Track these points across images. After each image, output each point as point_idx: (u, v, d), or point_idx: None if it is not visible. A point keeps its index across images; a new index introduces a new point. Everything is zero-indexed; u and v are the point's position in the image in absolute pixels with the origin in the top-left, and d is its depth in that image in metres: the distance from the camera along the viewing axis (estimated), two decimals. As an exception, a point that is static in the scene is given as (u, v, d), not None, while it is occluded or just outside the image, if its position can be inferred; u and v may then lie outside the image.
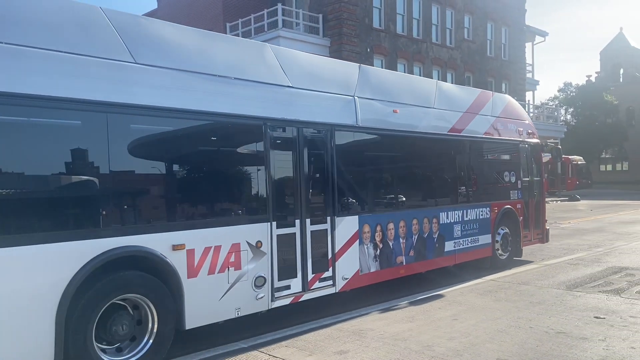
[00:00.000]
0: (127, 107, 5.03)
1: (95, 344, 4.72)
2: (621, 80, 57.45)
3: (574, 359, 5.11)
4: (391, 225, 7.92)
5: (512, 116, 10.88)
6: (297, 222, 6.57)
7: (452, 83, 28.59)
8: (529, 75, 35.42)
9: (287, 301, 6.48)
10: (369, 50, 24.78)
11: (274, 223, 6.24)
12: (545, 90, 65.58)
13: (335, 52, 23.93)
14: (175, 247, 5.27)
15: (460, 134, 9.44)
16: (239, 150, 6.25)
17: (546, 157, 12.26)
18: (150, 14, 33.12)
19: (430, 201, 8.90)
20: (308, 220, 6.69)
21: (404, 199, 8.33)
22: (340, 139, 7.16)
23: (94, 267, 4.64)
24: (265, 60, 6.71)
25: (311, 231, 6.73)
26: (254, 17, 24.15)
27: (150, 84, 5.30)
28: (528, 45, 35.41)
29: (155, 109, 5.25)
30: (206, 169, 5.99)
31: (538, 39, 36.33)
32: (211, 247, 5.60)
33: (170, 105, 5.38)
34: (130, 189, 5.20)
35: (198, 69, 5.78)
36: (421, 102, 8.82)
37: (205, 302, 5.57)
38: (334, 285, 7.07)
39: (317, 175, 6.96)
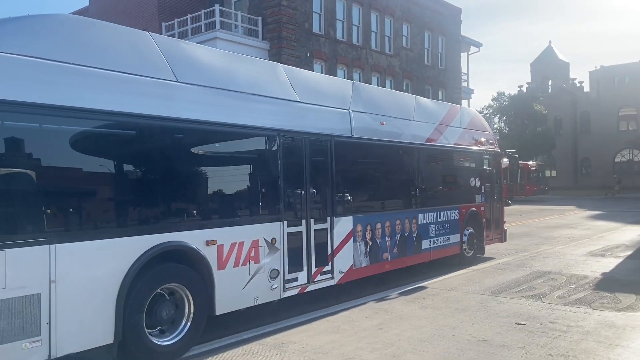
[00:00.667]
0: (170, 120, 5.75)
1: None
2: (550, 91, 60.52)
3: (492, 368, 5.07)
4: (379, 225, 8.77)
5: (477, 128, 12.04)
6: (304, 221, 7.36)
7: (391, 89, 29.05)
8: (464, 84, 36.49)
9: (295, 292, 7.21)
10: (308, 54, 24.67)
11: (285, 222, 7.00)
12: (480, 99, 68.24)
13: (275, 56, 23.66)
14: (209, 243, 6.00)
15: (435, 144, 10.47)
16: (258, 157, 7.00)
17: (505, 164, 13.51)
18: (81, 12, 31.62)
19: (410, 204, 9.76)
20: (312, 220, 7.48)
21: (390, 201, 9.41)
22: (338, 148, 7.95)
23: (145, 260, 5.30)
24: (278, 78, 7.51)
25: (314, 230, 7.51)
26: (191, 17, 23.52)
27: (188, 99, 6.00)
28: (463, 55, 36.48)
29: (193, 122, 5.97)
30: (232, 174, 6.79)
31: (473, 49, 37.52)
32: (237, 242, 6.35)
33: (205, 119, 6.10)
34: (173, 191, 5.88)
35: (225, 86, 6.52)
36: (403, 115, 9.78)
37: (231, 291, 6.27)
38: (332, 278, 7.82)
39: (319, 180, 7.73)
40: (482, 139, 12.05)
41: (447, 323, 6.66)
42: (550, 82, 61.72)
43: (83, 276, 4.88)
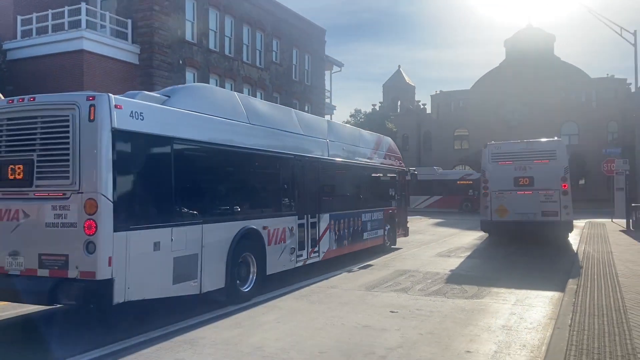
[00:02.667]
0: (245, 148, 8.99)
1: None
2: (399, 111, 66.40)
3: (379, 347, 6.13)
4: (343, 221, 12.31)
5: (392, 152, 16.37)
6: (305, 216, 10.76)
7: (262, 100, 29.92)
8: (327, 100, 38.84)
9: (301, 263, 10.56)
10: (181, 62, 24.54)
11: (296, 216, 10.43)
12: (341, 115, 72.18)
13: (146, 61, 23.19)
14: (264, 227, 9.25)
15: (371, 163, 14.53)
16: (284, 173, 10.33)
17: (408, 178, 17.52)
18: None
19: (358, 206, 13.33)
20: (309, 215, 10.87)
21: (347, 204, 12.74)
22: (321, 166, 11.54)
23: (239, 236, 8.47)
24: (292, 118, 11.10)
25: (310, 222, 10.93)
26: (52, 13, 22.04)
27: (254, 134, 9.33)
28: (327, 73, 38.89)
29: (256, 149, 9.37)
30: (275, 185, 10.11)
31: (335, 68, 40.15)
32: (277, 228, 9.68)
33: (265, 148, 9.61)
34: (249, 196, 9.32)
35: (271, 126, 9.96)
36: (354, 142, 13.76)
37: (274, 259, 9.54)
38: (319, 256, 11.28)
39: (312, 188, 11.12)
40: (395, 160, 16.42)
41: (335, 314, 7.65)
42: (399, 103, 67.64)
43: (213, 244, 7.91)
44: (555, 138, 19.61)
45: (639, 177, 24.74)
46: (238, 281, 8.48)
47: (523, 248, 15.74)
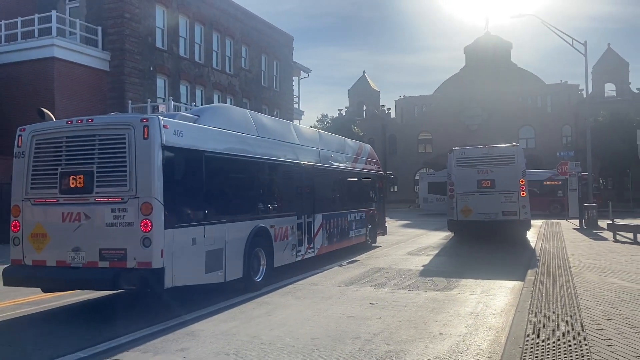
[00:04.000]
0: (256, 157, 10.46)
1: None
2: (364, 116, 67.68)
3: (364, 332, 6.84)
4: (333, 220, 13.84)
5: (372, 158, 17.96)
6: (303, 216, 12.14)
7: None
8: (295, 105, 39.56)
9: (299, 258, 11.96)
10: (152, 69, 24.79)
11: (296, 216, 11.78)
12: (308, 119, 73.10)
13: (117, 67, 23.36)
14: (271, 226, 10.62)
15: (355, 168, 16.13)
16: (285, 178, 11.70)
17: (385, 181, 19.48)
18: None
19: (345, 206, 14.84)
20: (305, 216, 12.23)
21: (335, 205, 14.19)
22: (314, 171, 12.99)
23: (253, 233, 9.89)
24: (290, 130, 12.62)
25: (307, 222, 12.32)
26: (22, 20, 22.00)
27: (263, 146, 10.79)
28: (295, 79, 39.62)
29: (264, 158, 10.77)
30: (278, 188, 11.47)
31: (303, 74, 40.94)
32: (282, 227, 11.09)
33: (272, 158, 11.06)
34: (259, 199, 10.57)
35: (278, 138, 11.57)
36: (340, 150, 15.35)
37: (279, 254, 10.92)
38: (314, 252, 12.72)
39: (307, 191, 12.54)
40: (374, 165, 18.02)
41: (320, 307, 8.33)
42: (364, 108, 68.93)
43: (234, 240, 9.23)
44: (514, 143, 21.20)
45: (590, 179, 26.41)
46: (252, 272, 9.79)
47: (486, 246, 16.80)
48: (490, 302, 8.65)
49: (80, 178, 7.78)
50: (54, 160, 8.08)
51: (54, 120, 9.00)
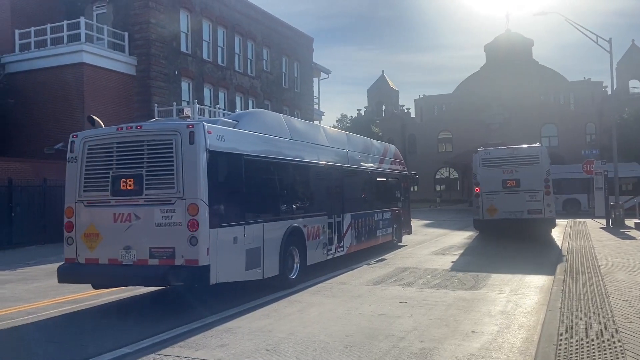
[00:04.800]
0: (290, 159, 10.89)
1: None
2: (383, 115, 67.63)
3: (396, 330, 6.98)
4: (361, 220, 14.20)
5: (396, 158, 18.33)
6: (333, 216, 12.51)
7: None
8: (316, 106, 39.79)
9: (330, 257, 12.34)
10: (176, 72, 25.24)
11: (326, 216, 12.17)
12: (327, 120, 73.29)
13: (143, 72, 23.84)
14: (304, 225, 11.01)
15: (381, 168, 16.59)
16: (316, 179, 12.20)
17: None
18: None
19: (372, 206, 15.18)
20: (335, 215, 12.62)
21: (362, 205, 14.49)
22: (343, 172, 13.45)
23: (288, 232, 10.29)
24: (320, 133, 13.12)
25: (336, 221, 12.69)
26: (51, 27, 22.58)
27: (296, 149, 11.23)
28: (315, 80, 39.84)
29: (297, 160, 11.18)
30: (310, 189, 12.00)
31: (323, 75, 41.14)
32: (314, 226, 11.48)
33: (304, 160, 11.53)
34: (293, 199, 11.01)
35: (310, 141, 12.06)
36: (367, 151, 15.68)
37: (312, 252, 11.30)
38: (344, 250, 13.07)
39: (337, 191, 12.99)
40: (399, 166, 18.43)
41: (351, 305, 8.49)
42: (383, 107, 68.89)
43: (271, 239, 9.66)
44: (538, 144, 21.84)
45: (617, 177, 26.07)
46: (287, 270, 10.19)
47: (511, 245, 16.77)
48: (520, 301, 8.71)
49: (130, 181, 8.23)
50: (106, 164, 8.55)
51: (103, 127, 9.32)
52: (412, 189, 19.79)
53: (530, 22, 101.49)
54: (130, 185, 8.23)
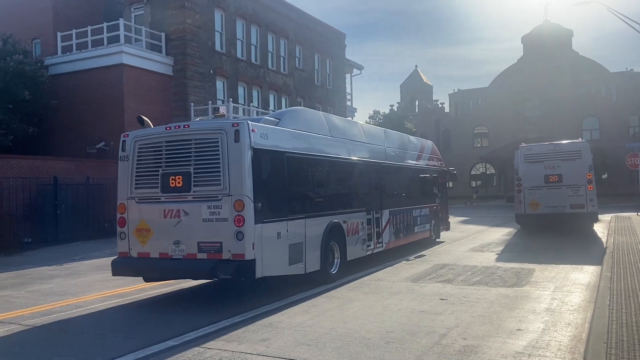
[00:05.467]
0: (329, 156, 11.04)
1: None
2: (417, 111, 66.90)
3: (438, 327, 6.89)
4: (399, 216, 14.17)
5: (434, 154, 18.24)
6: (372, 212, 12.54)
7: (286, 107, 30.88)
8: (348, 103, 39.66)
9: (369, 252, 12.37)
10: (212, 71, 25.57)
11: (365, 212, 12.17)
12: (360, 116, 72.95)
13: (180, 72, 24.25)
14: (344, 221, 11.06)
15: (418, 164, 16.49)
16: (355, 176, 12.24)
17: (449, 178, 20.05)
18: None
19: (410, 203, 15.20)
20: (374, 211, 12.66)
21: (400, 201, 14.50)
22: (381, 169, 13.45)
23: (329, 227, 10.40)
24: (359, 129, 13.18)
25: (375, 217, 12.71)
26: (92, 29, 23.21)
27: (335, 146, 11.43)
28: (347, 76, 39.71)
29: (336, 157, 11.31)
30: (349, 185, 12.03)
31: (355, 71, 40.96)
32: (353, 222, 11.49)
33: (344, 157, 11.71)
34: (332, 195, 11.05)
35: (349, 138, 12.14)
36: (404, 147, 15.69)
37: (352, 248, 11.33)
38: (382, 246, 13.10)
39: (375, 187, 13.03)
40: (437, 162, 18.23)
41: (390, 302, 8.43)
42: (417, 103, 68.16)
43: (312, 234, 9.83)
44: (580, 139, 21.66)
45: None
46: (327, 265, 10.32)
47: (552, 242, 16.34)
48: (566, 298, 8.47)
49: (179, 178, 8.52)
50: (155, 162, 8.87)
51: (152, 126, 9.56)
52: (448, 185, 20.03)
53: (569, 12, 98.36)
54: (179, 183, 8.51)
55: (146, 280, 9.45)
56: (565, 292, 8.98)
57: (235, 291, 9.68)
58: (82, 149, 22.58)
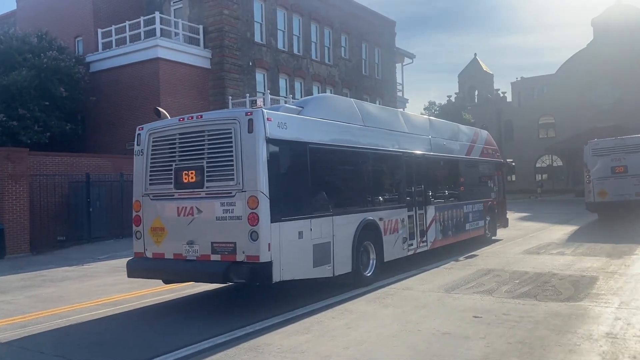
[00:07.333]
0: (362, 147, 9.98)
1: None
2: (476, 101, 63.65)
3: (461, 357, 5.45)
4: (446, 212, 12.88)
5: (489, 144, 16.55)
6: (414, 208, 11.46)
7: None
8: (399, 93, 37.81)
9: (412, 252, 11.28)
10: (251, 64, 24.74)
11: (406, 208, 11.15)
12: (413, 108, 70.37)
13: (217, 64, 23.58)
14: (380, 219, 10.06)
15: (470, 156, 14.94)
16: (394, 169, 11.23)
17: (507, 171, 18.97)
18: (8, 16, 29.92)
19: (460, 198, 13.85)
20: (416, 207, 11.57)
21: (449, 196, 13.31)
22: (425, 161, 12.25)
23: (361, 226, 9.41)
24: (398, 118, 12.01)
25: (418, 214, 11.60)
26: (129, 24, 22.95)
27: (370, 136, 10.32)
28: (398, 66, 37.87)
29: (371, 148, 10.26)
30: (386, 179, 11.14)
31: (407, 60, 39.02)
32: (391, 219, 10.47)
33: (378, 147, 10.55)
34: (366, 191, 10.15)
35: (386, 127, 11.05)
36: (454, 137, 14.22)
37: (389, 248, 10.35)
38: (427, 245, 11.91)
39: (418, 181, 11.81)
40: (492, 152, 16.64)
41: (411, 319, 7.02)
42: (476, 92, 64.85)
43: (342, 233, 8.89)
44: None
45: None
46: (361, 267, 9.37)
47: (621, 241, 14.16)
48: (633, 318, 6.72)
49: (192, 173, 7.90)
50: (169, 156, 8.27)
51: (169, 118, 8.87)
52: (509, 179, 19.97)
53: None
54: (192, 178, 7.90)
55: (165, 282, 8.92)
56: (633, 308, 7.20)
57: (243, 299, 8.59)
58: (122, 146, 22.35)
